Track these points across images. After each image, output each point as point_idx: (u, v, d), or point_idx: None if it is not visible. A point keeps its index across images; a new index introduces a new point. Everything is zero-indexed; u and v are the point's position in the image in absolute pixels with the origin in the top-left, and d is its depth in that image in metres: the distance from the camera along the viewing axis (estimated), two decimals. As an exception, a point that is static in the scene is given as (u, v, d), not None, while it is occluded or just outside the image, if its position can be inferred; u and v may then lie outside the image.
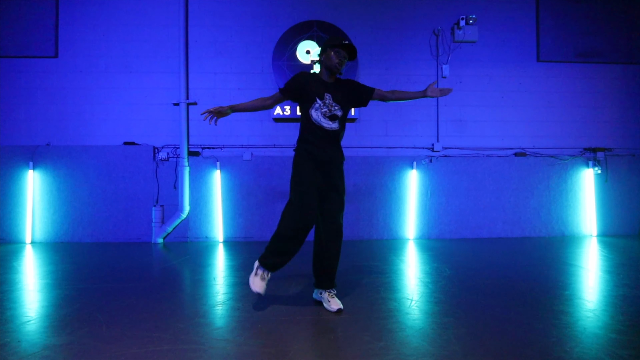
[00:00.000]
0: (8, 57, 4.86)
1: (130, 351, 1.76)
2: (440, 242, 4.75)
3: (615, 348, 1.80)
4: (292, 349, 1.81)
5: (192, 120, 4.90)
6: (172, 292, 2.78)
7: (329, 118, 2.27)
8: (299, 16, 4.94)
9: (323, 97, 2.28)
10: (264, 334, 1.99)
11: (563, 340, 1.88)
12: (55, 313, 2.29)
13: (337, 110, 2.30)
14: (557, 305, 2.40)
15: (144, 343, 1.85)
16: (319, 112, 2.27)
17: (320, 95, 2.28)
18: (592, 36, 5.25)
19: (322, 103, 2.27)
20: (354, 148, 4.99)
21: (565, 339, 1.90)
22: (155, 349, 1.79)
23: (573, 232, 5.13)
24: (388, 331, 2.01)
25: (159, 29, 4.92)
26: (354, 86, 2.42)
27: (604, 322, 2.14)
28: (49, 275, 3.21)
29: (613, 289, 2.77)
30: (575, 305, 2.40)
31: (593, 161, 5.15)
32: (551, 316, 2.21)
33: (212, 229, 4.87)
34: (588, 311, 2.31)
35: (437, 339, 1.92)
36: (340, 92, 2.34)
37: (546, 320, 2.15)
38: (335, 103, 2.30)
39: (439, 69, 5.08)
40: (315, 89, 2.29)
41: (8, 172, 4.77)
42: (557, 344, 1.83)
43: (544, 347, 1.80)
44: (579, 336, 1.94)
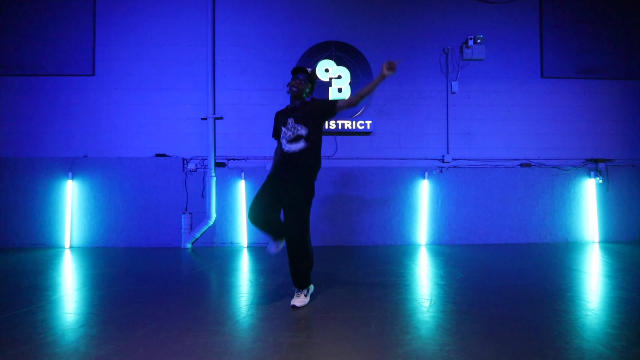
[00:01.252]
0: (49, 75, 5.26)
1: (201, 341, 2.11)
2: (450, 247, 5.07)
3: (610, 340, 2.12)
4: (336, 339, 2.14)
5: (219, 134, 5.26)
6: (214, 293, 3.12)
7: (293, 140, 2.58)
8: (318, 37, 5.31)
9: (286, 124, 2.63)
10: (309, 327, 2.32)
11: (564, 334, 2.20)
12: (120, 311, 2.64)
13: (300, 130, 2.58)
14: (560, 305, 2.72)
15: (210, 335, 2.19)
16: (284, 139, 2.62)
17: (284, 122, 2.64)
18: (593, 54, 5.57)
19: (286, 129, 2.62)
20: (369, 159, 5.34)
21: (566, 333, 2.22)
22: (221, 339, 2.13)
23: (576, 239, 5.42)
24: (413, 326, 2.34)
25: (188, 49, 5.30)
26: (316, 103, 2.71)
27: (602, 319, 2.46)
28: (98, 278, 3.57)
29: (611, 292, 3.09)
30: (576, 305, 2.72)
31: (595, 171, 5.46)
32: (554, 314, 2.53)
33: (237, 234, 5.22)
34: (588, 310, 2.62)
35: (457, 332, 2.24)
36: (303, 112, 2.63)
37: (550, 317, 2.47)
38: (298, 124, 2.59)
39: (448, 85, 5.42)
40: (281, 120, 2.69)
41: (49, 181, 5.15)
42: (559, 337, 2.15)
43: (548, 339, 2.13)
44: (578, 331, 2.26)
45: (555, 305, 2.72)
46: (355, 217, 5.27)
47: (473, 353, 1.96)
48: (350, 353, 1.98)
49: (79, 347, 2.06)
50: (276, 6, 5.34)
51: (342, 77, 5.21)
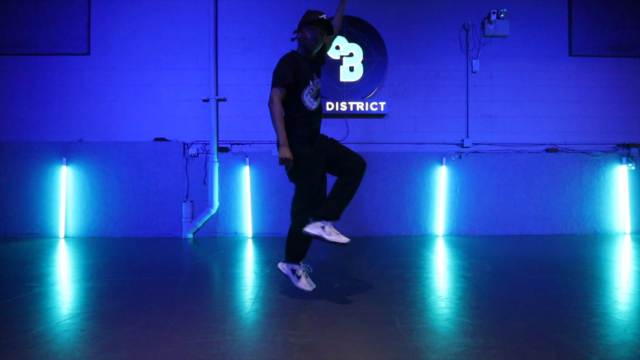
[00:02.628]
0: (42, 55, 4.94)
1: (195, 341, 1.78)
2: (470, 239, 4.70)
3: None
4: (355, 339, 1.80)
5: (222, 117, 4.92)
6: (216, 287, 2.80)
7: (315, 97, 2.35)
8: (328, 11, 4.88)
9: (313, 79, 2.32)
10: (325, 325, 1.99)
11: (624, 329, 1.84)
12: (108, 304, 2.33)
13: (319, 85, 2.40)
14: (611, 299, 2.35)
15: (206, 333, 1.87)
16: (310, 96, 2.31)
17: (311, 77, 2.31)
18: (626, 29, 5.12)
19: (313, 85, 2.32)
20: (383, 144, 4.97)
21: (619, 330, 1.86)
22: (219, 339, 1.80)
23: (606, 230, 5.02)
24: (444, 325, 2.00)
25: (188, 26, 4.95)
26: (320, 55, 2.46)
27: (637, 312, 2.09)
28: (90, 269, 3.26)
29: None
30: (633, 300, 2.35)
31: (627, 157, 5.04)
32: (607, 310, 2.16)
33: (241, 224, 4.89)
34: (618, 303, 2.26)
35: (499, 332, 1.89)
36: (317, 65, 2.42)
37: (593, 312, 2.10)
38: (318, 78, 2.39)
39: (469, 63, 5.02)
40: (306, 73, 2.28)
41: (42, 167, 4.85)
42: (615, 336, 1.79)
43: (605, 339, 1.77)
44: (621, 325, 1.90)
45: (599, 300, 2.35)
46: (368, 207, 4.92)
47: (522, 353, 1.61)
48: (375, 357, 1.64)
49: (54, 346, 1.74)
50: (283, -21, 4.96)
51: (354, 55, 4.83)
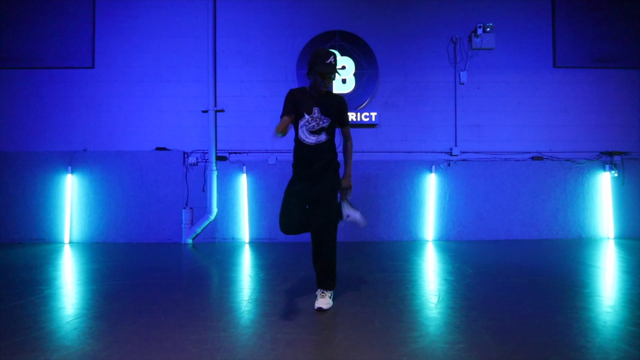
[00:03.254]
0: (48, 68, 5.18)
1: (192, 337, 1.97)
2: (459, 243, 4.90)
3: (635, 339, 1.94)
4: (336, 336, 2.00)
5: (220, 127, 5.14)
6: (213, 289, 3.00)
7: (314, 132, 2.38)
8: (322, 26, 5.16)
9: (311, 112, 2.37)
10: (310, 324, 2.18)
11: (584, 332, 2.03)
12: (112, 305, 2.52)
13: (324, 122, 2.39)
14: (577, 302, 2.55)
15: (203, 330, 2.06)
16: (305, 128, 2.38)
17: (309, 110, 2.37)
18: (608, 42, 5.35)
19: (310, 118, 2.37)
20: (374, 152, 5.18)
21: (587, 331, 2.05)
22: (214, 335, 2.00)
23: (590, 235, 5.22)
24: (420, 323, 2.19)
25: (188, 40, 5.19)
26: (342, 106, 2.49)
27: (624, 316, 2.28)
28: (95, 273, 3.46)
29: (631, 288, 2.90)
30: (594, 302, 2.54)
31: (610, 165, 5.25)
32: (572, 311, 2.35)
33: (238, 230, 5.09)
34: (607, 307, 2.45)
35: (467, 330, 2.09)
36: (328, 103, 2.42)
37: (567, 315, 2.30)
38: (324, 115, 2.39)
39: (456, 75, 5.24)
40: (304, 105, 2.37)
41: (48, 176, 5.07)
42: (579, 335, 1.99)
43: (567, 337, 1.96)
44: (600, 329, 2.09)
45: (572, 302, 2.55)
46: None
47: (486, 351, 1.80)
48: (352, 351, 1.84)
49: (65, 342, 1.94)
50: (278, -5, 5.20)
51: (346, 68, 5.06)
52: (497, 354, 1.77)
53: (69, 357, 1.77)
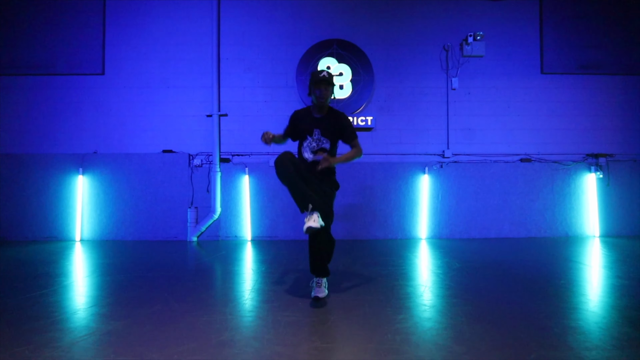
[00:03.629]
0: (60, 75, 5.45)
1: (203, 319, 2.24)
2: (451, 241, 5.15)
3: (597, 320, 2.20)
4: (329, 319, 2.26)
5: (223, 130, 5.41)
6: (219, 281, 3.26)
7: (317, 152, 2.58)
8: (320, 35, 5.43)
9: (312, 134, 2.60)
10: (306, 309, 2.44)
11: (552, 316, 2.29)
12: (129, 294, 2.79)
13: (325, 143, 2.61)
14: (553, 290, 2.80)
15: (212, 313, 2.32)
16: (308, 148, 2.62)
17: (310, 131, 2.60)
18: (593, 49, 5.61)
19: (312, 139, 2.60)
20: (370, 155, 5.43)
21: (554, 314, 2.31)
22: (222, 317, 2.26)
23: (576, 233, 5.46)
24: (406, 307, 2.45)
25: (194, 48, 5.46)
26: (343, 125, 2.66)
27: (592, 303, 2.54)
28: (108, 267, 3.73)
29: (605, 280, 3.15)
30: (568, 292, 2.80)
31: (595, 166, 5.50)
32: (546, 299, 2.61)
33: (241, 228, 5.36)
34: (581, 296, 2.70)
35: (447, 313, 2.35)
36: (331, 125, 2.60)
37: (540, 301, 2.55)
38: (324, 137, 2.60)
39: (448, 81, 5.50)
40: (306, 127, 2.61)
41: (60, 177, 5.34)
42: (547, 318, 2.24)
43: (536, 320, 2.22)
44: (566, 313, 2.34)
45: (548, 291, 2.80)
46: (357, 212, 5.38)
47: (460, 331, 2.06)
48: (344, 330, 2.09)
49: (90, 323, 2.20)
50: (279, 5, 5.47)
51: (343, 74, 5.33)
52: (468, 333, 2.03)
53: (95, 335, 2.03)
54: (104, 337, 1.98)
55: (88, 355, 1.78)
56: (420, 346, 1.88)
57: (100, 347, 1.86)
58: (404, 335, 2.00)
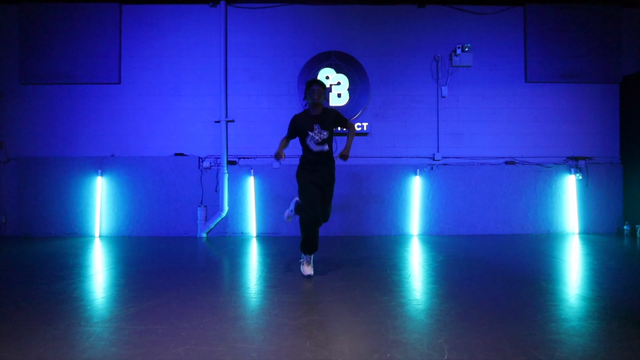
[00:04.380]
0: (80, 84, 5.91)
1: (220, 299, 2.69)
2: (440, 237, 5.59)
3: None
4: (325, 299, 2.71)
5: (231, 135, 5.87)
6: (226, 272, 3.71)
7: (319, 144, 3.16)
8: (320, 47, 5.88)
9: (313, 129, 3.15)
10: (306, 291, 2.89)
11: (519, 303, 2.73)
12: (149, 282, 3.24)
13: (325, 134, 3.18)
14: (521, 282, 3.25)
15: (227, 296, 2.78)
16: (312, 142, 3.16)
17: (311, 128, 3.16)
18: (574, 60, 6.03)
19: (314, 134, 3.14)
20: (366, 158, 5.88)
21: (520, 302, 2.75)
22: (232, 300, 2.71)
23: (557, 230, 5.90)
24: (391, 291, 2.90)
25: (203, 59, 5.91)
26: (334, 113, 3.29)
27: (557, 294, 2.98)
28: (126, 260, 4.18)
29: (578, 273, 3.59)
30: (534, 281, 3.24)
31: (575, 168, 5.93)
32: (514, 285, 3.06)
33: (247, 225, 5.81)
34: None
35: (424, 295, 2.80)
36: (327, 120, 3.20)
37: (508, 288, 3.00)
38: (323, 130, 3.17)
39: (439, 89, 5.94)
40: (306, 125, 3.16)
41: (81, 178, 5.81)
42: (512, 303, 2.69)
43: (499, 302, 2.66)
44: (532, 302, 2.79)
45: (516, 279, 3.24)
46: (353, 211, 5.83)
47: (432, 308, 2.51)
48: (337, 308, 2.55)
49: (127, 303, 2.66)
50: (282, 19, 5.92)
51: (341, 84, 5.77)
52: (439, 309, 2.48)
53: (132, 310, 2.49)
54: (141, 313, 2.44)
55: (131, 324, 2.23)
56: (398, 318, 2.33)
57: (141, 320, 2.32)
58: (386, 311, 2.45)
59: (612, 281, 3.16)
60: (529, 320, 2.28)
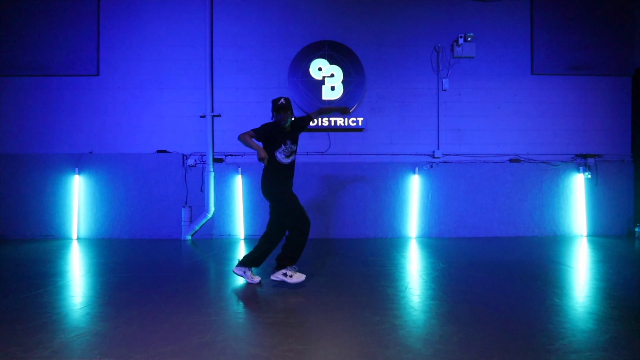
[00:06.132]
0: (55, 76, 5.53)
1: (187, 320, 2.34)
2: (440, 240, 5.25)
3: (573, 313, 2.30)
4: (308, 320, 2.36)
5: (217, 131, 5.49)
6: (207, 280, 3.36)
7: (288, 156, 3.20)
8: (312, 37, 5.49)
9: (286, 144, 3.18)
10: (285, 310, 2.55)
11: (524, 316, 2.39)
12: (119, 294, 2.89)
13: (294, 147, 3.25)
14: (535, 292, 2.90)
15: (196, 315, 2.43)
16: (282, 155, 3.18)
17: (284, 142, 3.18)
18: (583, 50, 5.65)
19: (284, 147, 3.17)
20: (361, 155, 5.52)
21: (526, 315, 2.40)
22: (205, 319, 2.36)
23: (564, 232, 5.55)
24: (384, 309, 2.55)
25: (187, 49, 5.52)
26: (299, 122, 3.35)
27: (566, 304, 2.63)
28: (102, 266, 3.83)
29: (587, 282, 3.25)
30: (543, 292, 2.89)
31: (584, 166, 5.57)
32: (521, 300, 2.71)
33: (234, 227, 5.46)
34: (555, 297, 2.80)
35: (422, 315, 2.45)
36: (294, 134, 3.27)
37: (514, 303, 2.65)
38: (293, 144, 3.23)
39: (439, 82, 5.56)
40: (280, 138, 3.16)
41: (57, 177, 5.44)
42: (518, 318, 2.34)
43: (507, 320, 2.31)
44: (542, 314, 2.44)
45: (531, 293, 2.89)
46: (347, 211, 5.47)
47: (430, 332, 2.16)
48: (319, 331, 2.20)
49: (80, 324, 2.31)
50: (272, 7, 5.52)
51: (334, 76, 5.39)
52: (439, 335, 2.13)
53: (84, 336, 2.14)
54: (92, 339, 2.09)
55: (75, 356, 1.88)
56: (390, 347, 1.98)
57: (87, 348, 1.97)
58: (377, 336, 2.10)
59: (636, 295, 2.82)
60: (544, 349, 1.93)
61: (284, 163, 3.20)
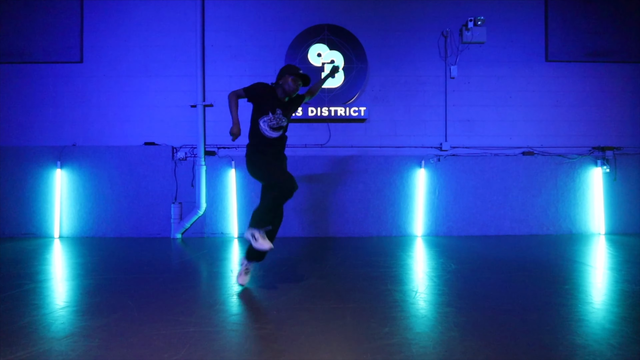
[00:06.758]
0: (36, 63, 5.17)
1: (161, 332, 1.98)
2: (448, 239, 4.88)
3: (607, 337, 1.93)
4: (304, 332, 2.00)
5: (209, 121, 5.13)
6: (193, 283, 3.00)
7: (275, 129, 2.74)
8: (311, 20, 5.11)
9: (275, 112, 2.74)
10: (277, 320, 2.18)
11: (556, 329, 2.02)
12: (89, 300, 2.53)
13: (283, 122, 2.78)
14: (556, 298, 2.53)
15: (173, 325, 2.07)
16: (267, 125, 2.73)
17: (273, 110, 2.74)
18: (602, 35, 5.28)
19: (272, 117, 2.73)
20: (364, 147, 5.15)
21: (559, 328, 2.04)
22: (182, 331, 2.00)
23: (581, 230, 5.19)
24: (393, 318, 2.19)
25: (176, 35, 5.16)
26: (297, 100, 2.92)
27: (601, 314, 2.26)
28: (79, 267, 3.48)
29: (614, 285, 2.88)
30: (574, 299, 2.53)
31: (601, 160, 5.20)
32: (549, 308, 2.34)
33: (227, 225, 5.10)
34: (587, 304, 2.43)
35: (438, 326, 2.08)
36: (289, 107, 2.84)
37: (543, 312, 2.28)
38: (284, 117, 2.78)
39: (447, 69, 5.19)
40: (270, 104, 2.73)
41: (37, 171, 5.08)
42: (550, 333, 1.97)
43: (538, 335, 1.95)
44: (572, 326, 2.07)
45: (551, 298, 2.53)
46: (349, 208, 5.11)
47: (450, 348, 1.80)
48: (317, 347, 1.83)
49: (34, 337, 1.94)
50: (267, -11, 5.15)
51: (334, 62, 5.01)
52: (461, 352, 1.76)
53: (34, 354, 1.77)
54: (41, 356, 1.73)
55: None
56: (404, 370, 1.62)
57: (31, 370, 1.61)
58: (385, 354, 1.74)
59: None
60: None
61: (267, 136, 2.71)
